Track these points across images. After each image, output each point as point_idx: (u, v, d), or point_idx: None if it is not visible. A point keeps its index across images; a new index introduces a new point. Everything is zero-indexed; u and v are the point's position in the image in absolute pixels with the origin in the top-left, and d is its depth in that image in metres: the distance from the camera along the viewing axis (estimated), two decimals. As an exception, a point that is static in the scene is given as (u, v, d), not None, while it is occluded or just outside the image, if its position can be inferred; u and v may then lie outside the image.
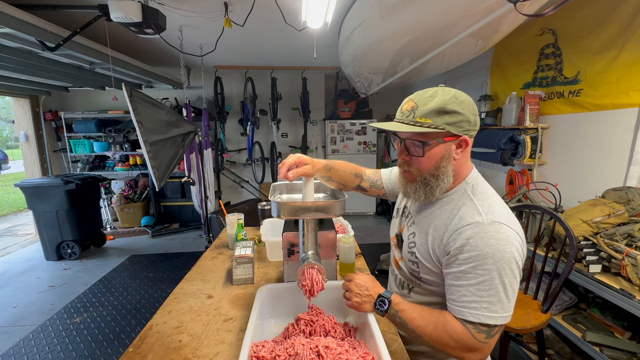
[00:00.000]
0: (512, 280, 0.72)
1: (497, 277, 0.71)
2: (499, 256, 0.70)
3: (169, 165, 2.52)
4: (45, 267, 3.56)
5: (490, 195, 0.82)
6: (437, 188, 0.82)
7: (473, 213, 0.77)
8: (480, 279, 0.71)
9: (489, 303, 0.71)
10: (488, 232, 0.72)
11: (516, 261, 0.72)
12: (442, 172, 0.81)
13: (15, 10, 1.86)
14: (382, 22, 2.12)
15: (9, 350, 2.21)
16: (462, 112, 0.77)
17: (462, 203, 0.81)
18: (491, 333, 0.71)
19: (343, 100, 5.05)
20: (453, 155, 0.81)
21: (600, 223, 1.78)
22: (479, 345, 0.72)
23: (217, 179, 5.22)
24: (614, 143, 2.06)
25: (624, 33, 1.95)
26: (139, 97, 2.28)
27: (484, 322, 0.71)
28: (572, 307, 2.03)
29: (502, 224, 0.73)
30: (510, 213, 0.78)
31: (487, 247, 0.71)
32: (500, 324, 0.72)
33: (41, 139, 4.50)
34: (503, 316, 0.71)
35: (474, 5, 1.63)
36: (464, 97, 0.79)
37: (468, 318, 0.72)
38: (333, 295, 1.06)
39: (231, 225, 1.67)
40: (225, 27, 2.44)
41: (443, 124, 0.77)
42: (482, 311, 0.71)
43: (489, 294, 0.71)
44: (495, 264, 0.70)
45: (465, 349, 0.73)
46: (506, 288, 0.71)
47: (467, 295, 0.73)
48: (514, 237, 0.73)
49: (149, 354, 0.92)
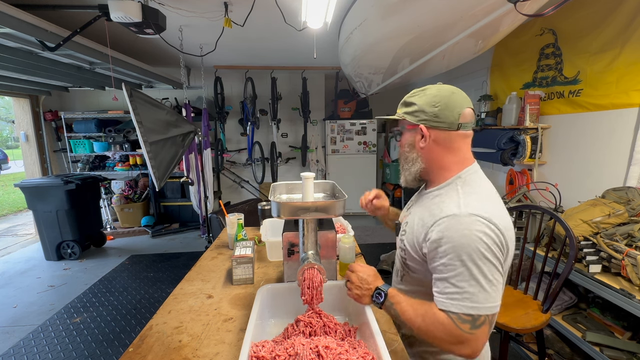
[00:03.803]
0: (492, 270, 0.72)
1: (474, 268, 0.72)
2: (474, 246, 0.72)
3: (169, 165, 2.52)
4: (45, 267, 3.56)
5: (479, 190, 0.82)
6: (406, 171, 0.93)
7: (453, 205, 0.79)
8: (459, 270, 0.73)
9: (471, 294, 0.72)
10: (463, 223, 0.74)
11: (493, 251, 0.72)
12: (409, 158, 0.91)
13: (15, 10, 1.86)
14: (382, 22, 2.12)
15: (8, 351, 2.21)
16: (417, 102, 0.86)
17: (449, 196, 0.83)
18: (476, 324, 0.72)
19: (343, 100, 5.05)
20: (418, 144, 0.88)
21: (600, 223, 1.78)
22: (466, 337, 0.72)
23: (217, 179, 5.22)
24: (613, 143, 2.06)
25: (623, 33, 1.95)
26: (139, 97, 2.28)
27: (467, 312, 0.72)
28: (572, 307, 2.03)
29: (477, 216, 0.74)
30: (494, 207, 0.78)
31: (462, 238, 0.73)
32: (484, 314, 0.72)
33: (41, 139, 4.49)
34: (487, 306, 0.72)
35: (474, 5, 1.63)
36: (432, 90, 0.86)
37: (451, 309, 0.74)
38: (333, 295, 1.06)
39: (231, 225, 1.67)
40: (225, 27, 2.44)
41: (402, 113, 0.90)
42: (463, 302, 0.72)
43: (469, 284, 0.72)
44: (470, 255, 0.72)
45: (453, 341, 0.73)
46: (487, 278, 0.72)
47: (449, 287, 0.74)
48: (489, 228, 0.73)
49: (149, 354, 0.92)
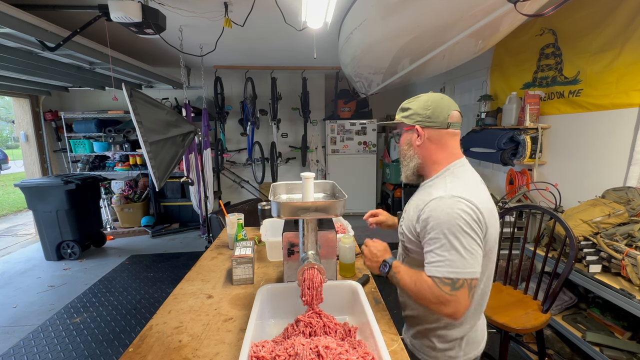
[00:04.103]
0: (470, 242, 0.86)
1: (454, 240, 0.85)
2: (454, 222, 0.86)
3: (169, 165, 2.51)
4: (45, 267, 3.56)
5: (464, 179, 0.96)
6: (406, 167, 1.06)
7: (440, 190, 0.93)
8: (442, 242, 0.87)
9: (451, 261, 0.85)
10: (447, 203, 0.88)
11: (471, 226, 0.86)
12: (408, 155, 1.05)
13: (15, 10, 1.86)
14: (382, 22, 2.12)
15: (9, 351, 2.21)
16: (412, 107, 1.01)
17: (438, 184, 0.97)
18: (455, 286, 0.85)
19: (343, 100, 5.05)
20: (414, 142, 1.02)
21: (600, 223, 1.78)
22: (447, 298, 0.85)
23: (217, 179, 5.22)
24: (613, 143, 2.06)
25: (623, 33, 1.95)
26: (139, 97, 2.28)
27: (447, 276, 0.85)
28: (572, 307, 2.03)
29: (459, 197, 0.88)
30: (475, 191, 0.92)
31: (444, 216, 0.87)
32: (462, 277, 0.85)
33: (41, 139, 4.50)
34: (465, 271, 0.85)
35: (474, 5, 1.63)
36: (424, 97, 1.01)
37: (435, 274, 0.88)
38: (333, 295, 1.06)
39: (231, 225, 1.67)
40: (225, 27, 2.44)
41: (400, 117, 1.05)
42: (445, 267, 0.86)
43: (449, 253, 0.86)
44: (450, 229, 0.86)
45: (437, 302, 0.87)
46: (465, 248, 0.85)
47: (434, 256, 0.89)
48: (468, 207, 0.87)
49: (149, 354, 0.92)
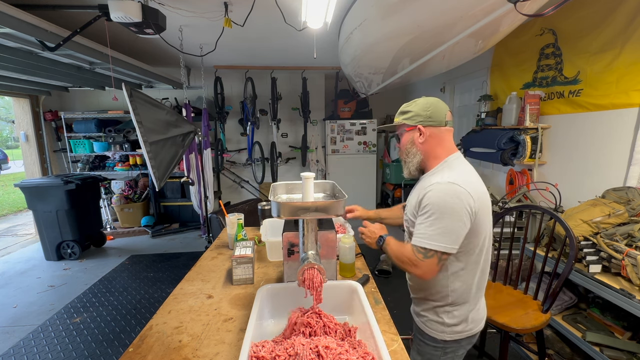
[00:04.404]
0: (453, 222, 0.97)
1: (440, 218, 0.98)
2: (443, 204, 0.98)
3: (169, 165, 2.51)
4: (45, 267, 3.56)
5: (459, 169, 1.06)
6: (409, 164, 1.16)
7: (437, 177, 1.04)
8: (430, 219, 1.00)
9: (428, 235, 0.99)
10: (442, 189, 0.99)
11: (458, 207, 0.97)
12: (411, 152, 1.14)
13: (15, 10, 1.86)
14: (382, 22, 2.12)
15: (8, 351, 2.21)
16: (412, 110, 1.11)
17: (436, 174, 1.08)
18: (427, 255, 1.00)
19: (343, 100, 5.04)
20: (417, 141, 1.12)
21: (600, 223, 1.78)
22: (418, 262, 1.01)
23: (217, 179, 5.22)
24: (614, 143, 2.06)
25: (623, 33, 1.95)
26: (139, 97, 2.28)
27: (422, 246, 1.00)
28: (572, 307, 2.03)
29: (454, 184, 0.99)
30: (468, 179, 1.02)
31: (437, 199, 0.99)
32: (433, 249, 0.98)
33: (41, 139, 4.49)
34: (437, 244, 0.98)
35: (474, 5, 1.63)
36: (421, 100, 1.12)
37: (415, 243, 1.03)
38: (333, 295, 1.06)
39: (231, 225, 1.68)
40: (225, 27, 2.43)
41: (401, 119, 1.14)
42: (422, 238, 1.01)
43: (430, 229, 0.99)
44: (439, 209, 0.98)
45: (410, 263, 1.03)
46: (446, 226, 0.97)
47: (420, 230, 1.03)
48: (461, 192, 0.97)
49: (149, 354, 0.92)
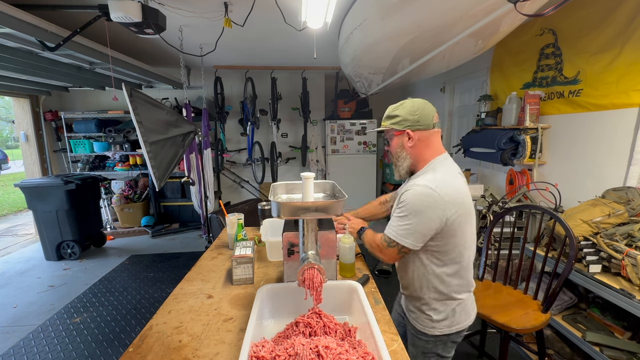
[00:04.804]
0: (420, 221, 1.06)
1: (409, 217, 1.07)
2: (415, 205, 1.06)
3: (169, 165, 2.51)
4: (45, 267, 3.56)
5: (440, 171, 1.11)
6: (400, 167, 1.20)
7: (419, 180, 1.10)
8: (401, 215, 1.10)
9: (395, 227, 1.11)
10: (417, 190, 1.07)
11: (427, 210, 1.05)
12: (401, 156, 1.19)
13: (15, 10, 1.86)
14: (382, 22, 2.12)
15: (8, 351, 2.21)
16: (400, 114, 1.15)
17: (420, 177, 1.13)
18: (390, 244, 1.12)
19: (343, 100, 5.04)
20: (406, 144, 1.16)
21: (600, 223, 1.78)
22: (382, 249, 1.16)
23: (217, 179, 5.21)
24: (614, 143, 2.06)
25: (623, 33, 1.95)
26: (139, 97, 2.28)
27: (389, 235, 1.13)
28: (572, 307, 2.03)
29: (430, 188, 1.05)
30: (444, 181, 1.07)
31: (412, 198, 1.07)
32: (396, 240, 1.10)
33: (41, 139, 4.49)
34: (402, 240, 1.09)
35: (474, 5, 1.63)
36: (408, 103, 1.15)
37: (385, 231, 1.15)
38: (333, 295, 1.06)
39: (231, 225, 1.68)
40: (225, 27, 2.43)
41: (389, 124, 1.18)
42: (389, 229, 1.13)
43: (399, 224, 1.10)
44: (411, 209, 1.07)
45: (377, 249, 1.18)
46: (413, 226, 1.07)
47: (392, 221, 1.14)
48: (434, 197, 1.04)
49: (149, 354, 0.92)
